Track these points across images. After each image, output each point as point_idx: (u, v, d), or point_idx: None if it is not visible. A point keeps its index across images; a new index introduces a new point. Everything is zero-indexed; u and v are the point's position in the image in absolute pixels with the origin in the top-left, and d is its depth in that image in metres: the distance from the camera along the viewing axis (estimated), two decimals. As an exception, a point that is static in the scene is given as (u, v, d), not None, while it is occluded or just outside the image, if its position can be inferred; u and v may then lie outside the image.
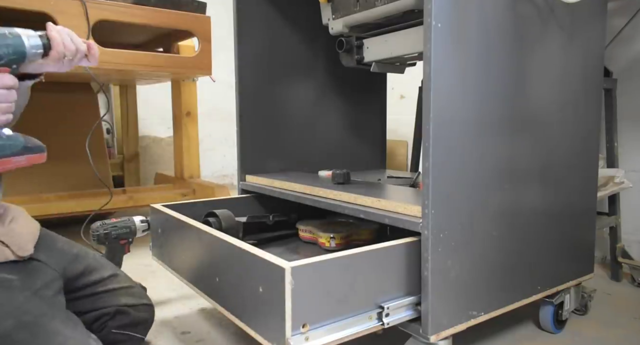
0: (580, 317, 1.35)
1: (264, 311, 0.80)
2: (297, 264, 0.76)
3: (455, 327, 0.95)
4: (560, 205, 1.17)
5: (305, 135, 1.62)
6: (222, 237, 0.94)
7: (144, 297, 1.15)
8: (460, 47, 0.91)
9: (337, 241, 1.24)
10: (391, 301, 0.89)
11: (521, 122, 1.06)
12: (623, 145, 1.71)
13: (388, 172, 1.74)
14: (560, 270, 1.20)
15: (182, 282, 1.13)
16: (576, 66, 1.18)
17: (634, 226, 1.73)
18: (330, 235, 1.25)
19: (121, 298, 1.10)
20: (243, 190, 1.50)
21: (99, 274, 1.10)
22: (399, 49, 1.17)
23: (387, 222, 0.98)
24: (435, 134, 0.88)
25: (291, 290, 0.74)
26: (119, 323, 1.07)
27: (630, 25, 1.66)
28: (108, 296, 1.09)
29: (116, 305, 1.08)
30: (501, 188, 1.03)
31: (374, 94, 1.81)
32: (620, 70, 1.70)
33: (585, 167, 1.25)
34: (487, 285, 1.02)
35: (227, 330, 1.29)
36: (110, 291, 1.09)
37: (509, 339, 1.23)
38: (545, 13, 1.07)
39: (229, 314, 0.91)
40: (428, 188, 0.89)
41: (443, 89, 0.89)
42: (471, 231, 0.97)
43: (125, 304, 1.09)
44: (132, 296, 1.12)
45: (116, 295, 1.10)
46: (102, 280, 1.09)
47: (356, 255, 0.85)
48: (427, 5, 0.86)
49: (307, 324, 0.77)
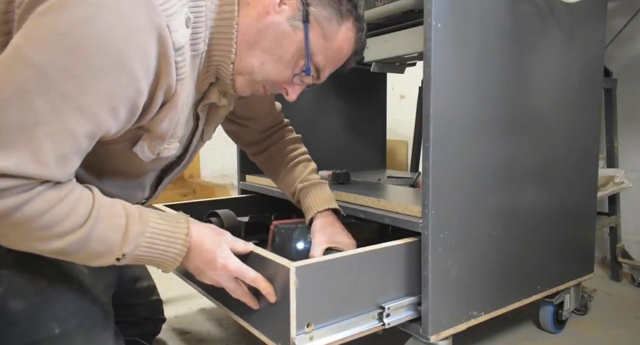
0: (580, 317, 1.35)
1: (268, 311, 0.80)
2: (301, 263, 0.76)
3: (455, 327, 0.95)
4: (560, 205, 1.17)
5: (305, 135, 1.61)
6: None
7: (161, 312, 1.16)
8: (460, 47, 0.91)
9: None
10: (392, 301, 0.89)
11: (521, 122, 1.06)
12: (623, 145, 1.71)
13: (388, 172, 1.74)
14: (560, 270, 1.20)
15: (183, 282, 1.13)
16: (576, 66, 1.18)
17: (634, 226, 1.73)
18: None
19: (145, 311, 1.11)
20: (243, 190, 1.50)
21: (139, 284, 1.10)
22: (399, 49, 1.17)
23: (387, 222, 0.98)
24: (435, 134, 0.88)
25: (296, 290, 0.74)
26: (132, 331, 1.08)
27: (630, 25, 1.66)
28: (136, 308, 1.09)
29: (137, 316, 1.09)
30: (501, 188, 1.03)
31: (374, 94, 1.81)
32: (620, 70, 1.70)
33: (585, 167, 1.25)
34: (487, 285, 1.02)
35: (227, 330, 1.29)
36: (140, 304, 1.10)
37: (509, 339, 1.23)
38: (545, 13, 1.07)
39: (233, 314, 0.91)
40: (428, 188, 0.89)
41: (443, 89, 0.89)
42: (471, 231, 0.97)
43: (145, 316, 1.10)
44: (153, 310, 1.13)
45: (142, 308, 1.10)
46: (139, 292, 1.10)
47: (358, 255, 0.85)
48: (427, 5, 0.86)
49: (312, 323, 0.77)
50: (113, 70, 0.59)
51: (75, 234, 0.63)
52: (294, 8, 0.74)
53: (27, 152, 0.57)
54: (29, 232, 0.61)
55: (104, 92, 0.59)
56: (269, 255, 0.80)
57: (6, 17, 0.64)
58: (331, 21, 0.77)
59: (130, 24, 0.59)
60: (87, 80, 0.58)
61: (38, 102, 0.56)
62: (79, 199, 0.64)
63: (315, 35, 0.76)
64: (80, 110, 0.59)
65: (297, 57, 0.77)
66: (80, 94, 0.58)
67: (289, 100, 0.84)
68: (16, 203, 0.58)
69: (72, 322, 0.78)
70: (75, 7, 0.56)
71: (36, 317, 0.76)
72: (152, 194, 0.92)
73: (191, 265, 0.77)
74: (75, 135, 0.60)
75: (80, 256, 0.67)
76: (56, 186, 0.62)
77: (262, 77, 0.78)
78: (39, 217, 0.60)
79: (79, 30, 0.56)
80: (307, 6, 0.74)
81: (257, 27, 0.74)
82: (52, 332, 0.76)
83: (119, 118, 0.63)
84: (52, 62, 0.56)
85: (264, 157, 1.12)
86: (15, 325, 0.75)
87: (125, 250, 0.68)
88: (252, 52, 0.75)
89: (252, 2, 0.74)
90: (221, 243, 0.78)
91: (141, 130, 0.73)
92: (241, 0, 0.74)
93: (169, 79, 0.66)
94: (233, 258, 0.78)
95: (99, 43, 0.57)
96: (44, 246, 0.63)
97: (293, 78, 0.79)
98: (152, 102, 0.67)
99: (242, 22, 0.74)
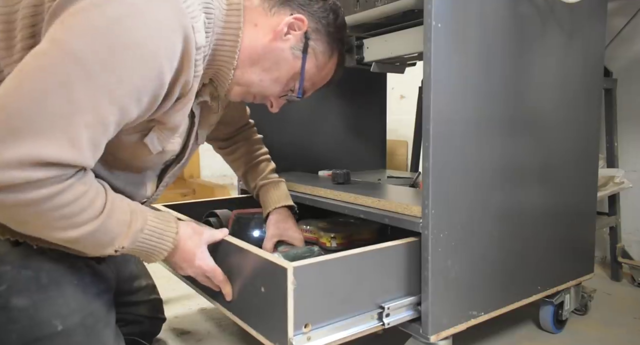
0: (580, 317, 1.35)
1: (266, 311, 0.80)
2: (299, 263, 0.76)
3: (455, 327, 0.95)
4: (560, 205, 1.17)
5: (305, 135, 1.62)
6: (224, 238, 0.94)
7: (161, 311, 1.16)
8: (460, 47, 0.91)
9: (338, 241, 1.24)
10: (391, 301, 0.89)
11: (521, 122, 1.06)
12: (623, 145, 1.71)
13: (388, 172, 1.74)
14: (560, 270, 1.20)
15: (182, 282, 1.13)
16: (576, 66, 1.18)
17: (634, 226, 1.73)
18: (332, 235, 1.25)
19: (143, 309, 1.11)
20: (243, 191, 1.49)
21: (137, 283, 1.11)
22: (399, 49, 1.17)
23: (387, 222, 0.98)
24: (435, 134, 0.88)
25: (293, 290, 0.74)
26: (131, 330, 1.08)
27: (630, 25, 1.66)
28: (134, 306, 1.09)
29: (136, 315, 1.09)
30: (501, 188, 1.03)
31: (374, 94, 1.81)
32: (620, 70, 1.70)
33: (585, 167, 1.25)
34: (487, 285, 1.02)
35: (227, 330, 1.29)
36: (139, 302, 1.10)
37: (509, 339, 1.23)
38: (545, 13, 1.07)
39: (231, 314, 0.91)
40: (428, 188, 0.89)
41: (443, 89, 0.89)
42: (471, 231, 0.97)
43: (144, 315, 1.11)
44: (152, 309, 1.13)
45: (141, 306, 1.11)
46: (138, 291, 1.10)
47: (357, 255, 0.85)
48: (427, 5, 0.86)
49: (309, 323, 0.77)
50: (145, 66, 0.65)
51: (90, 225, 0.68)
52: (297, 39, 0.86)
53: (66, 139, 0.61)
54: (50, 220, 0.65)
55: (135, 85, 0.65)
56: (266, 255, 0.81)
57: (34, 20, 0.68)
58: (324, 54, 0.91)
59: (161, 24, 0.65)
60: (123, 74, 0.63)
61: (78, 93, 0.61)
62: (97, 192, 0.70)
63: (310, 65, 0.89)
64: (114, 101, 0.64)
65: (290, 79, 0.89)
66: (115, 87, 0.63)
67: (272, 111, 0.96)
68: (49, 193, 0.62)
69: (75, 319, 0.79)
70: (111, 7, 0.62)
71: (39, 313, 0.77)
72: (153, 193, 0.95)
73: (171, 259, 0.85)
74: (107, 124, 0.65)
75: (87, 245, 0.71)
76: (82, 178, 0.67)
77: (257, 91, 0.89)
78: (64, 208, 0.65)
79: (116, 27, 0.62)
80: (308, 40, 0.87)
81: (262, 48, 0.84)
82: (54, 328, 0.77)
83: (142, 108, 0.69)
84: (93, 55, 0.61)
85: (229, 153, 1.24)
86: (18, 321, 0.76)
87: (125, 244, 0.74)
88: (254, 68, 0.85)
89: (259, 25, 0.84)
90: (200, 244, 0.86)
91: (152, 122, 0.77)
92: (249, 19, 0.83)
93: (188, 75, 0.72)
94: (208, 260, 0.86)
95: (135, 41, 0.63)
96: (59, 235, 0.67)
97: (282, 95, 0.92)
98: (169, 95, 0.72)
99: (249, 40, 0.83)
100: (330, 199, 1.15)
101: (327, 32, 0.89)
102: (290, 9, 0.85)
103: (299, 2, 0.86)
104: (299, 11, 0.86)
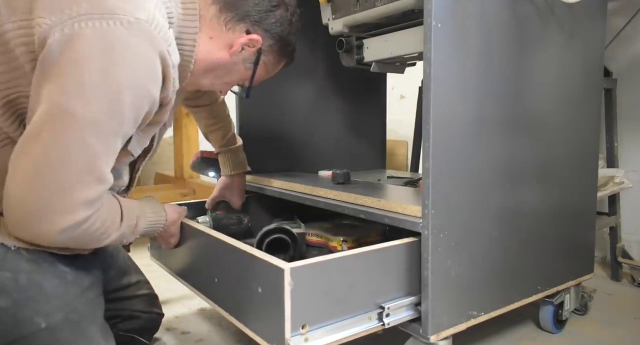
0: (580, 317, 1.35)
1: (263, 312, 0.80)
2: (296, 264, 0.76)
3: (455, 327, 0.95)
4: (560, 205, 1.17)
5: (305, 135, 1.62)
6: (221, 238, 0.94)
7: (157, 306, 1.17)
8: (460, 47, 0.91)
9: (349, 244, 1.23)
10: (391, 301, 0.89)
11: (521, 122, 1.06)
12: (623, 145, 1.71)
13: (388, 172, 1.74)
14: (560, 270, 1.20)
15: (182, 282, 1.13)
16: (576, 66, 1.18)
17: (634, 226, 1.73)
18: (342, 239, 1.24)
19: (137, 304, 1.11)
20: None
21: (126, 279, 1.11)
22: (399, 49, 1.17)
23: (387, 222, 0.98)
24: (435, 134, 0.88)
25: (290, 291, 0.74)
26: (128, 327, 1.09)
27: (630, 25, 1.66)
28: (127, 301, 1.10)
29: (131, 310, 1.10)
30: (501, 188, 1.03)
31: (374, 94, 1.81)
32: (620, 70, 1.70)
33: (585, 167, 1.25)
34: (487, 285, 1.02)
35: (227, 330, 1.29)
36: (130, 297, 1.11)
37: (509, 339, 1.23)
38: (545, 13, 1.07)
39: (228, 315, 0.91)
40: (428, 188, 0.89)
41: (443, 89, 0.89)
42: (471, 231, 0.97)
43: (139, 309, 1.11)
44: (147, 303, 1.14)
45: (134, 301, 1.11)
46: (128, 287, 1.11)
47: (356, 255, 0.85)
48: (427, 5, 0.86)
49: (307, 324, 0.77)
50: (141, 100, 0.75)
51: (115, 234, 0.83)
52: (250, 53, 0.92)
53: (94, 178, 0.74)
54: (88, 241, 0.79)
55: (135, 116, 0.76)
56: (263, 256, 0.81)
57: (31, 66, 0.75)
58: (274, 64, 0.99)
59: (143, 59, 0.73)
60: (125, 114, 0.73)
61: (94, 144, 0.72)
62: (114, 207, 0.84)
63: (259, 72, 0.97)
64: (121, 134, 0.76)
65: (240, 81, 0.98)
66: (121, 126, 0.74)
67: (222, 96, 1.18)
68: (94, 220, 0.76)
69: (58, 317, 0.81)
70: (93, 60, 0.69)
71: (21, 312, 0.78)
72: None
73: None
74: (116, 150, 0.77)
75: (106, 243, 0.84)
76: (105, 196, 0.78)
77: (208, 88, 1.05)
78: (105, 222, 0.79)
79: (108, 79, 0.70)
80: (259, 55, 0.93)
81: (217, 61, 0.90)
82: (38, 326, 0.79)
83: (137, 126, 0.80)
84: (97, 110, 0.70)
85: (194, 112, 1.32)
86: (1, 321, 0.78)
87: (131, 239, 0.90)
88: (207, 75, 0.93)
89: (215, 38, 0.88)
90: (178, 225, 1.07)
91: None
92: (205, 30, 0.87)
93: (168, 91, 0.82)
94: (177, 237, 1.08)
95: (127, 84, 0.72)
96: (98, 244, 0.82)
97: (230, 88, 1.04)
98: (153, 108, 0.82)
99: (204, 52, 0.88)
100: (330, 199, 1.14)
101: (279, 46, 0.95)
102: (245, 25, 0.88)
103: (254, 18, 0.89)
104: (254, 28, 0.89)
